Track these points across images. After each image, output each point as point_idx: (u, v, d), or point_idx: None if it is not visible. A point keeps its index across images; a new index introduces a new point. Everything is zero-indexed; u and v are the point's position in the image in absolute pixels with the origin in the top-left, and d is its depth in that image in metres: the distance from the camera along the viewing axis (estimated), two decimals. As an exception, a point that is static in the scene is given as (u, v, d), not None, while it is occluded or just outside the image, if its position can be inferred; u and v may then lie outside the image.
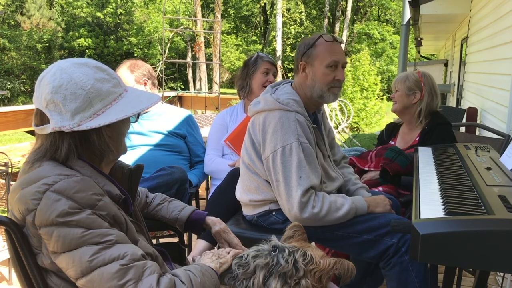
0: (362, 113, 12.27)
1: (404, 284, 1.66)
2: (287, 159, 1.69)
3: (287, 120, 1.72)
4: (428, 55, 17.95)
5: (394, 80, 2.62)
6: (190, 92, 8.50)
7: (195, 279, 1.12)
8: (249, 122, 1.89)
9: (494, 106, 4.22)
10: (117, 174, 1.32)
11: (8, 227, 1.09)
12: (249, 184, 1.86)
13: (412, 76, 2.50)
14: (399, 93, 2.52)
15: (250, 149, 1.83)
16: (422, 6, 6.16)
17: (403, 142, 2.57)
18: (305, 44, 1.84)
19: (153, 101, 1.21)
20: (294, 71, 1.92)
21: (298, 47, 1.88)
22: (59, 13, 27.39)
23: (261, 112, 1.80)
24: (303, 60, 1.83)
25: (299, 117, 1.75)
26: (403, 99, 2.51)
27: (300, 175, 1.67)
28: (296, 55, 1.89)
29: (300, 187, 1.65)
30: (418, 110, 2.48)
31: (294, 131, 1.71)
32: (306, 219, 1.65)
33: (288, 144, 1.69)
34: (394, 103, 2.57)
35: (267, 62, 2.61)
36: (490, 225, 1.13)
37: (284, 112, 1.74)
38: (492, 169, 1.69)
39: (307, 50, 1.82)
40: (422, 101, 2.48)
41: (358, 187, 2.02)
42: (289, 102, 1.76)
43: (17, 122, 4.51)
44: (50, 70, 1.14)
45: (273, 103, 1.77)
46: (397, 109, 2.55)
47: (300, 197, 1.64)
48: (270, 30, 26.89)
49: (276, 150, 1.70)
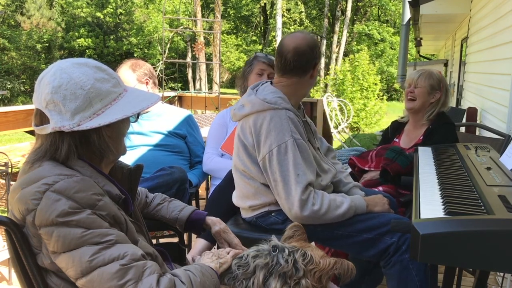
0: (362, 113, 12.28)
1: (405, 283, 1.67)
2: (283, 158, 1.68)
3: (279, 119, 1.71)
4: (428, 55, 17.94)
5: (414, 75, 2.49)
6: (190, 92, 8.50)
7: (195, 279, 1.12)
8: (238, 127, 1.86)
9: (494, 106, 4.22)
10: (117, 174, 1.32)
11: (8, 227, 1.09)
12: (246, 191, 1.85)
13: (436, 75, 2.45)
14: (421, 90, 2.43)
15: (243, 154, 1.81)
16: (422, 6, 6.16)
17: (408, 140, 2.56)
18: (317, 46, 1.84)
19: (153, 101, 1.21)
20: (293, 72, 1.81)
21: (307, 51, 1.78)
22: (59, 13, 27.40)
23: (250, 115, 1.78)
24: (318, 61, 1.84)
25: (289, 114, 1.74)
26: (425, 96, 2.43)
27: (298, 173, 1.66)
28: (305, 57, 1.78)
29: (299, 185, 1.65)
30: (432, 110, 2.44)
31: (287, 129, 1.70)
32: (307, 217, 1.65)
33: (283, 142, 1.69)
34: (412, 99, 2.45)
35: (262, 63, 2.55)
36: (490, 225, 1.13)
37: (274, 111, 1.73)
38: (492, 169, 1.69)
39: (319, 51, 1.85)
40: (439, 101, 2.45)
41: (351, 187, 2.01)
42: (277, 100, 1.75)
43: (17, 122, 4.50)
44: (50, 70, 1.15)
45: (261, 104, 1.75)
46: (415, 107, 2.45)
47: (300, 195, 1.64)
48: (270, 30, 26.89)
49: (272, 150, 1.69)
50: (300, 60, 1.79)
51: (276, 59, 1.84)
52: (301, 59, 1.79)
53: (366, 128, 12.40)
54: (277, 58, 1.84)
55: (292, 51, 1.78)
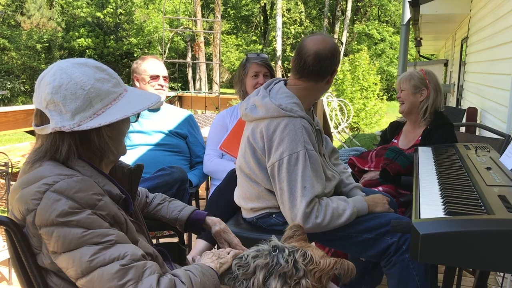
0: (362, 113, 12.28)
1: (405, 282, 1.67)
2: (293, 168, 1.66)
3: (293, 127, 1.68)
4: (428, 55, 17.94)
5: (398, 80, 2.59)
6: (190, 92, 8.50)
7: (195, 279, 1.12)
8: (248, 129, 1.82)
9: (494, 106, 4.22)
10: (117, 174, 1.32)
11: (8, 227, 1.09)
12: (249, 193, 1.84)
13: (416, 74, 2.50)
14: (405, 92, 2.50)
15: (250, 157, 1.78)
16: (422, 6, 6.16)
17: (406, 140, 2.57)
18: (339, 52, 1.80)
19: (153, 101, 1.21)
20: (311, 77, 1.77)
21: (328, 56, 1.74)
22: (59, 13, 27.39)
23: (263, 119, 1.74)
24: (336, 67, 1.80)
25: (304, 122, 1.70)
26: (410, 97, 2.49)
27: (305, 185, 1.64)
28: (325, 63, 1.74)
29: (304, 198, 1.63)
30: (425, 108, 2.48)
31: (301, 139, 1.67)
32: (309, 228, 1.64)
33: (294, 152, 1.66)
34: (401, 103, 2.54)
35: (255, 64, 2.53)
36: (490, 225, 1.13)
37: (289, 119, 1.69)
38: (492, 169, 1.69)
39: (339, 57, 1.81)
40: (428, 98, 2.48)
41: (351, 188, 2.00)
42: (293, 107, 1.71)
43: (17, 122, 4.50)
44: (50, 70, 1.15)
45: (276, 110, 1.71)
46: (405, 110, 2.53)
47: (305, 208, 1.62)
48: (270, 30, 26.88)
49: (283, 158, 1.66)
50: (319, 65, 1.74)
51: (295, 60, 1.79)
52: (321, 64, 1.74)
53: (366, 128, 12.40)
54: (296, 59, 1.79)
55: (312, 54, 1.74)
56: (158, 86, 2.59)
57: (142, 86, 2.59)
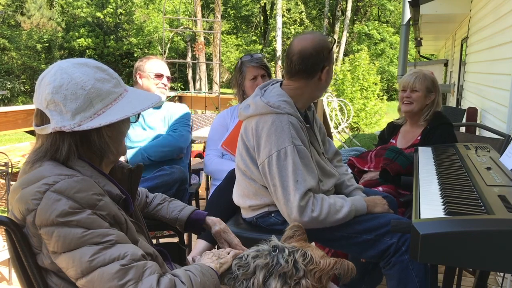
0: (362, 113, 12.28)
1: (404, 283, 1.67)
2: (283, 163, 1.66)
3: (280, 123, 1.69)
4: (428, 55, 17.94)
5: (408, 79, 2.49)
6: (190, 92, 8.50)
7: (195, 279, 1.12)
8: (242, 127, 1.85)
9: (494, 106, 4.22)
10: (117, 174, 1.32)
11: (8, 227, 1.09)
12: (247, 190, 1.85)
13: (430, 76, 2.47)
14: (419, 94, 2.44)
15: (245, 155, 1.80)
16: (422, 6, 6.16)
17: (404, 140, 2.56)
18: (326, 48, 1.76)
19: (153, 101, 1.22)
20: (299, 75, 1.77)
21: (313, 54, 1.73)
22: (59, 13, 27.39)
23: (253, 116, 1.76)
24: (326, 64, 1.77)
25: (291, 119, 1.71)
26: (422, 99, 2.45)
27: (297, 179, 1.65)
28: (309, 61, 1.73)
29: (297, 191, 1.64)
30: (428, 111, 2.46)
31: (288, 134, 1.68)
32: (306, 222, 1.64)
33: (282, 148, 1.67)
34: (409, 103, 2.47)
35: (251, 68, 2.51)
36: (490, 225, 1.13)
37: (276, 116, 1.70)
38: (492, 169, 1.69)
39: (329, 54, 1.77)
40: (434, 102, 2.47)
41: (352, 190, 2.00)
42: (280, 104, 1.72)
43: (17, 122, 4.50)
44: (50, 70, 1.15)
45: (264, 107, 1.73)
46: (413, 110, 2.47)
47: (299, 201, 1.63)
48: (270, 30, 26.89)
49: (271, 155, 1.68)
50: (304, 64, 1.74)
51: (285, 61, 1.81)
52: (306, 63, 1.74)
53: (366, 128, 12.40)
54: (285, 59, 1.80)
55: (297, 54, 1.74)
56: (162, 85, 2.62)
57: (145, 83, 2.60)
